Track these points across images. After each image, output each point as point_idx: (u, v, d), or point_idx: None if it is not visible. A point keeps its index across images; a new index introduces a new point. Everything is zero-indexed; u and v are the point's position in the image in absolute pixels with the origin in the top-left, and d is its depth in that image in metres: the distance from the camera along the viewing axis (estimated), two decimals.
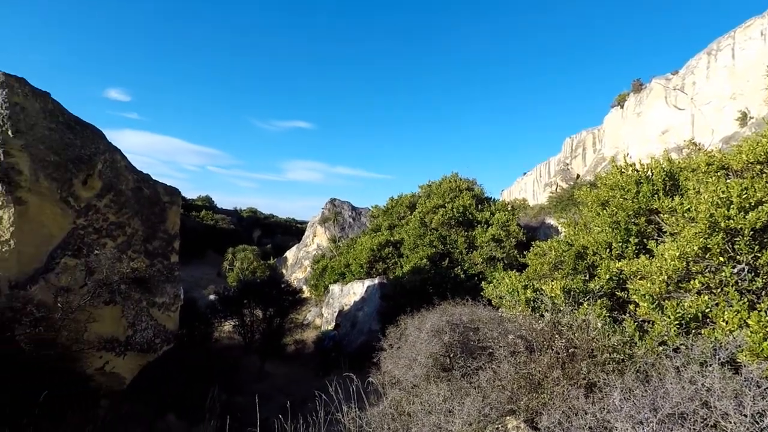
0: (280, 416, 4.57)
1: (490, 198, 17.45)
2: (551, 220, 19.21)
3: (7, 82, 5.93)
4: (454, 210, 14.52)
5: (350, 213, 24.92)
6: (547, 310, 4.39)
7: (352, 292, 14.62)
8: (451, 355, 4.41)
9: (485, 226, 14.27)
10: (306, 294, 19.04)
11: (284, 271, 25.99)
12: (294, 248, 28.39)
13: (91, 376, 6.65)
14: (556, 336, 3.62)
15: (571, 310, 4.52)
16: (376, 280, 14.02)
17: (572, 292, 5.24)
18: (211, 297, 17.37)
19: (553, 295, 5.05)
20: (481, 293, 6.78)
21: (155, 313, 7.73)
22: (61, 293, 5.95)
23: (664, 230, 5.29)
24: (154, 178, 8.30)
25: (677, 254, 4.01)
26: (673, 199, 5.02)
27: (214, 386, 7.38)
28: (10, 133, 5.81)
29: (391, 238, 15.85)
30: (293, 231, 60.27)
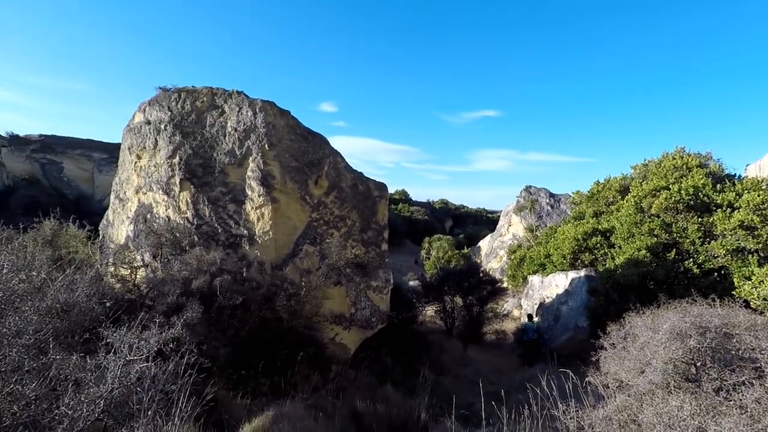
0: (493, 403, 4.59)
1: (733, 175, 13.95)
2: None
3: (263, 107, 7.50)
4: (682, 192, 12.07)
5: (548, 200, 23.33)
6: None
7: (554, 284, 13.70)
8: (698, 364, 3.68)
9: (728, 210, 11.46)
10: (503, 284, 18.74)
11: (478, 260, 26.10)
12: (488, 238, 28.22)
13: (326, 344, 7.91)
14: None
15: None
16: (582, 273, 12.81)
17: None
18: (411, 283, 18.69)
19: None
20: (733, 292, 5.50)
21: (371, 294, 8.73)
22: (304, 274, 7.26)
23: None
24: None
25: None
26: None
27: (424, 366, 7.91)
28: (266, 146, 7.34)
29: (599, 227, 14.23)
30: (484, 221, 60.17)
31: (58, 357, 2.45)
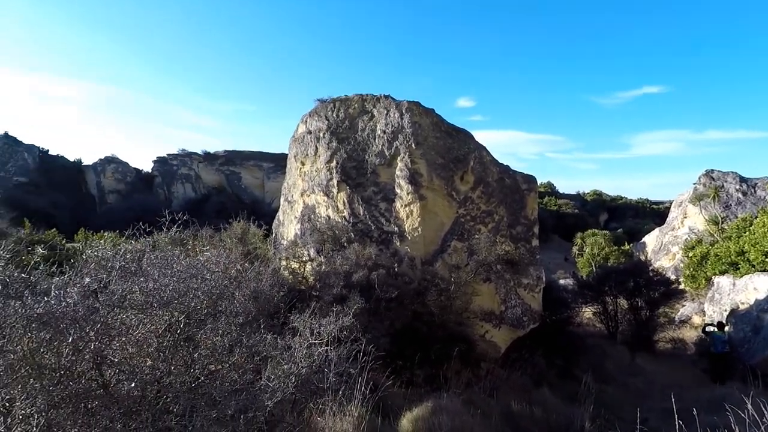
0: (681, 422, 3.96)
1: None
2: None
3: (409, 107, 7.74)
4: None
5: (737, 186, 19.20)
6: None
7: (752, 287, 11.27)
8: None
9: None
10: (678, 286, 16.16)
11: (642, 257, 22.96)
12: (655, 232, 24.62)
13: (476, 341, 7.82)
14: None
15: None
16: None
17: None
18: (562, 282, 17.30)
19: None
20: None
21: (522, 292, 8.35)
22: (453, 270, 7.28)
23: None
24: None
25: None
26: None
27: (585, 372, 7.27)
28: (413, 145, 7.56)
29: None
30: (647, 213, 52.97)
31: (266, 336, 2.90)
